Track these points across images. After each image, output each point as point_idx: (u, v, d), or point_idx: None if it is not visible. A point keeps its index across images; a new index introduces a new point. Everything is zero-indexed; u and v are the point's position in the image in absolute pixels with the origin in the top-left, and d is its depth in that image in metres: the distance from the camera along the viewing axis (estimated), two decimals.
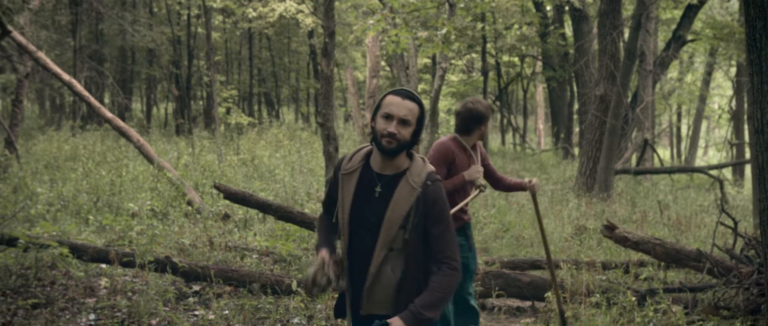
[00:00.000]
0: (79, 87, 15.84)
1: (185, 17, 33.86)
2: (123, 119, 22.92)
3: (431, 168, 4.06)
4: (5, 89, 30.81)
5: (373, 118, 3.99)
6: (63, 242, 8.36)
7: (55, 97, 37.05)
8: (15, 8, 18.81)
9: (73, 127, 24.16)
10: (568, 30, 29.33)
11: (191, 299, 7.98)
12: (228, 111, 30.56)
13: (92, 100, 15.86)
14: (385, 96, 4.00)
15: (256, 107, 40.22)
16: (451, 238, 3.99)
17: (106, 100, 33.97)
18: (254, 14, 29.43)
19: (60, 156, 18.09)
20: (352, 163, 4.08)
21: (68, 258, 8.38)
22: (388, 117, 3.89)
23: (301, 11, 28.51)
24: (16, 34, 14.40)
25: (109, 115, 15.63)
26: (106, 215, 11.09)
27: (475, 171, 6.41)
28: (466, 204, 6.43)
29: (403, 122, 3.88)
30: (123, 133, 15.40)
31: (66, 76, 15.49)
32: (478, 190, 6.37)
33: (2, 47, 16.37)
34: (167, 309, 7.57)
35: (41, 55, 15.26)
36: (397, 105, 3.91)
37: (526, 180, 6.69)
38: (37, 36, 26.17)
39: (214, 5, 26.91)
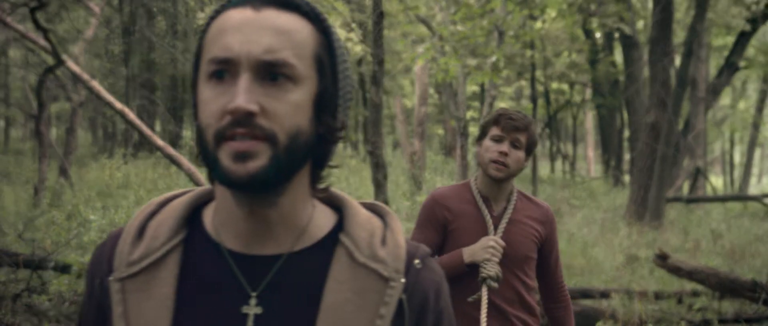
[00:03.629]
0: (131, 115, 16.02)
1: None
2: (174, 147, 23.11)
3: (396, 226, 1.43)
4: (59, 118, 31.36)
5: (195, 95, 1.26)
6: None
7: (107, 125, 37.61)
8: (69, 38, 19.16)
9: (125, 155, 24.45)
10: (619, 57, 29.13)
11: None
12: None
13: (144, 128, 16.03)
14: (210, 21, 1.25)
15: None
16: None
17: (158, 128, 34.36)
18: None
19: (112, 183, 18.30)
20: (151, 245, 1.30)
21: None
22: (224, 67, 1.18)
23: (350, 39, 28.66)
24: (70, 64, 14.63)
25: (160, 142, 15.77)
26: None
27: (484, 248, 3.22)
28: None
29: (266, 69, 1.18)
30: (174, 161, 15.50)
31: (118, 105, 15.68)
32: (485, 286, 3.22)
33: (57, 76, 16.64)
34: None
35: (94, 83, 15.46)
36: (243, 26, 1.18)
37: None
38: (91, 65, 26.64)
39: None
